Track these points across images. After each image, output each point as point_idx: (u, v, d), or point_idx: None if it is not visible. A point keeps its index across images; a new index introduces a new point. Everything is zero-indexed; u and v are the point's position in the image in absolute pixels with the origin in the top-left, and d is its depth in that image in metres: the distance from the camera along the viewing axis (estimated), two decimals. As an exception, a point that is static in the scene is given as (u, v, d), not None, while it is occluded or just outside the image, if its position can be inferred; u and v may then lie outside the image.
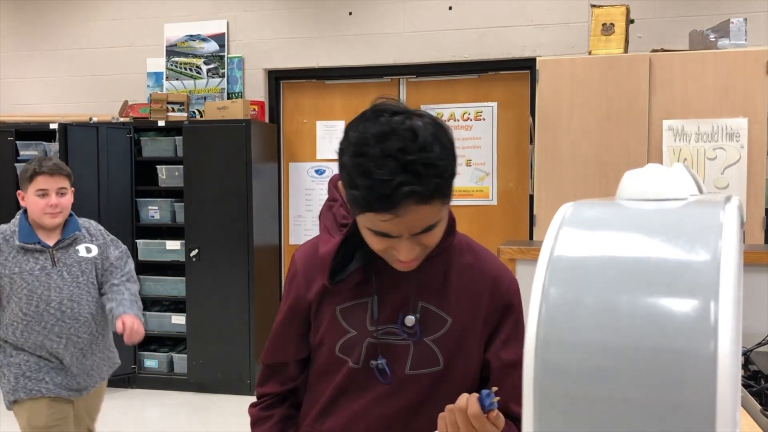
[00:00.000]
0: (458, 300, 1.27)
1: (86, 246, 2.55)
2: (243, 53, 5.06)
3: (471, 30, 4.70)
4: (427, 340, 1.25)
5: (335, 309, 1.28)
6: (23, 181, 2.44)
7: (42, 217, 2.43)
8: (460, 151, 4.86)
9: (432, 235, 1.15)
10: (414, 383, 1.24)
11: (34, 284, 2.41)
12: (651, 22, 4.38)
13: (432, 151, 1.07)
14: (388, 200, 1.05)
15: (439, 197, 1.10)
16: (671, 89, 3.78)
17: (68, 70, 5.38)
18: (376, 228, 1.12)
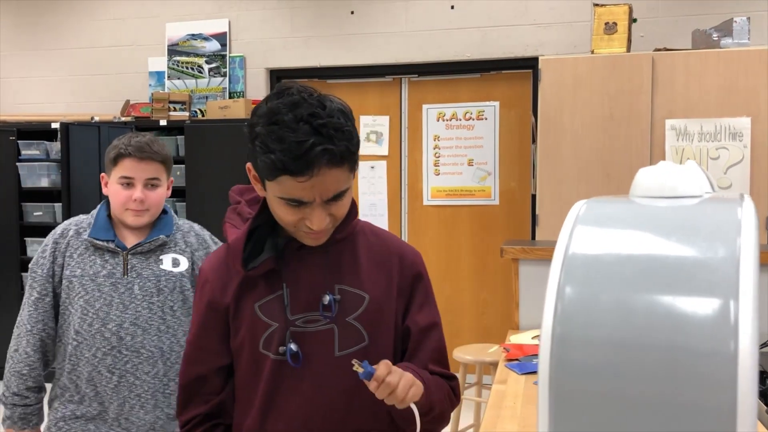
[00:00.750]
0: (371, 277, 1.31)
1: (174, 257, 1.91)
2: (245, 52, 5.06)
3: (473, 29, 4.69)
4: (350, 320, 1.28)
5: (253, 306, 1.29)
6: (107, 163, 1.91)
7: (123, 213, 1.87)
8: (462, 151, 4.86)
9: (341, 205, 1.22)
10: (346, 364, 1.21)
11: (94, 293, 1.85)
12: (653, 21, 4.37)
13: (339, 118, 1.17)
14: (302, 160, 1.12)
15: (348, 162, 1.18)
16: (674, 89, 3.77)
17: (70, 70, 5.37)
18: (289, 195, 1.17)
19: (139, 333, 1.85)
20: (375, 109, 5.00)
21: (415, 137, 4.94)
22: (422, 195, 4.94)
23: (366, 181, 5.02)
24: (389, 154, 4.98)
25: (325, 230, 1.24)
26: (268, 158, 1.14)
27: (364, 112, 5.01)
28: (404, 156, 4.96)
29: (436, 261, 4.90)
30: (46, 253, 1.90)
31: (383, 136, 4.99)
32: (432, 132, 4.90)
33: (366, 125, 5.01)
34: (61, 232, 1.91)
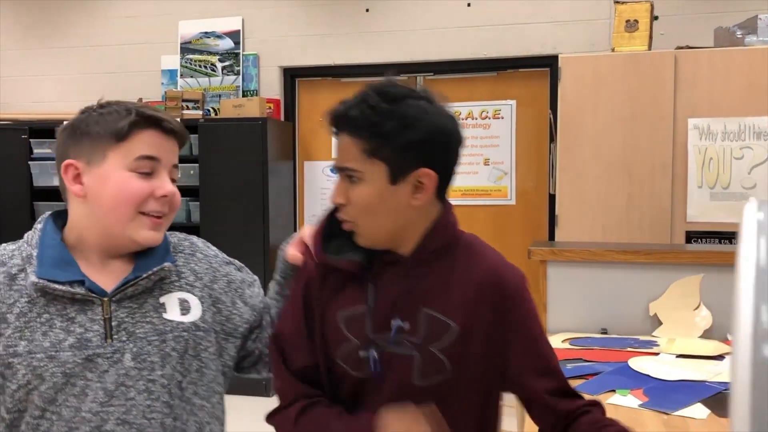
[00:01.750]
0: (463, 303, 1.21)
1: (181, 297, 1.23)
2: (258, 50, 5.01)
3: (490, 27, 4.64)
4: (433, 349, 1.19)
5: (336, 314, 1.24)
6: (96, 137, 1.18)
7: (130, 223, 1.18)
8: (478, 150, 4.80)
9: (355, 190, 1.18)
10: (424, 393, 1.17)
11: (55, 381, 1.12)
12: (674, 18, 4.31)
13: (387, 99, 1.17)
14: (335, 121, 1.23)
15: (360, 136, 1.16)
16: (697, 87, 3.71)
17: (82, 68, 5.33)
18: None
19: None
20: (390, 107, 4.94)
21: (430, 136, 4.88)
22: (437, 195, 4.88)
23: (380, 181, 4.96)
24: (404, 154, 4.92)
25: (346, 216, 1.21)
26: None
27: (378, 111, 4.96)
28: (419, 155, 4.91)
29: (451, 261, 4.85)
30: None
31: (398, 135, 4.93)
32: (447, 131, 4.84)
33: (380, 124, 4.96)
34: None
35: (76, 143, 1.19)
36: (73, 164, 1.18)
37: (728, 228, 3.68)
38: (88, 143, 1.18)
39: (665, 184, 3.72)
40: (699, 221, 3.73)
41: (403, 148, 1.15)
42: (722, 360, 2.05)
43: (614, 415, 1.65)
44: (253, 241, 4.55)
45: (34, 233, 1.20)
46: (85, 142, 1.18)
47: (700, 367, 1.97)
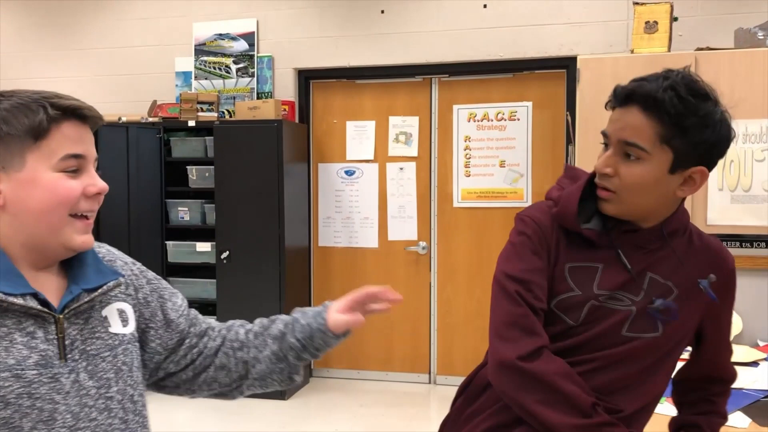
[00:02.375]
0: (686, 274, 1.32)
1: (119, 308, 1.18)
2: (273, 52, 5.00)
3: (506, 28, 4.61)
4: (650, 308, 1.29)
5: (564, 266, 1.32)
6: (9, 139, 1.06)
7: (66, 227, 1.09)
8: (494, 152, 4.78)
9: (630, 167, 1.24)
10: (628, 345, 1.29)
11: (21, 404, 1.02)
12: (693, 20, 4.28)
13: (693, 93, 1.22)
14: (624, 89, 1.27)
15: (660, 120, 1.21)
16: (718, 89, 3.65)
17: (96, 70, 5.33)
18: (606, 128, 1.30)
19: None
20: (404, 109, 4.93)
21: (445, 138, 4.87)
22: (452, 197, 4.86)
23: (395, 183, 4.95)
24: (419, 156, 4.91)
25: (610, 194, 1.27)
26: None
27: (393, 113, 4.94)
28: (434, 157, 4.89)
29: (467, 263, 4.83)
30: None
31: (413, 137, 4.91)
32: (463, 133, 4.83)
33: (395, 126, 4.94)
34: None
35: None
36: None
37: (749, 231, 3.65)
38: (1, 147, 1.04)
39: (685, 186, 3.69)
40: (719, 224, 3.69)
41: (695, 144, 1.22)
42: (757, 366, 2.03)
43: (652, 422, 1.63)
44: (269, 243, 4.54)
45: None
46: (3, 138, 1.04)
47: (734, 374, 1.94)
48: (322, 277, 5.08)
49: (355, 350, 5.04)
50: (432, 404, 4.66)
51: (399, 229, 4.94)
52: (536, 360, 1.25)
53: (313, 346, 1.31)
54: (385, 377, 5.00)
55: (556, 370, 1.24)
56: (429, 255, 4.91)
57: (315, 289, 5.08)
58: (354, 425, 4.19)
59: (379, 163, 4.96)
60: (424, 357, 4.96)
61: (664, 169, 1.23)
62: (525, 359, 1.25)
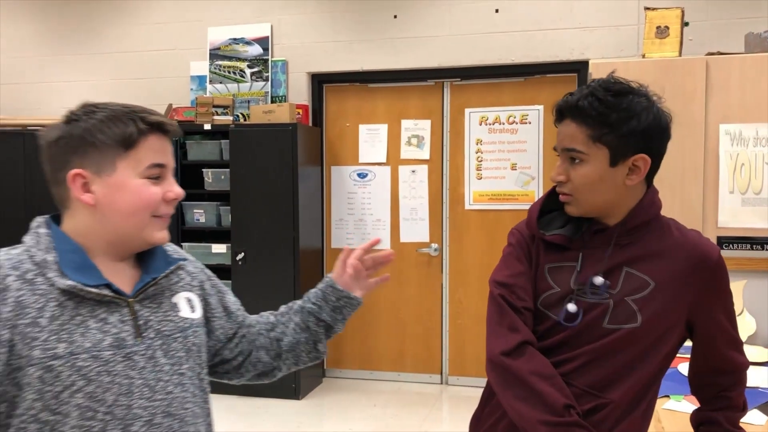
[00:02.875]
0: (664, 268, 1.39)
1: (187, 296, 1.32)
2: (287, 57, 5.06)
3: (518, 33, 4.67)
4: (628, 300, 1.38)
5: (544, 266, 1.44)
6: (103, 147, 1.19)
7: (145, 226, 1.23)
8: (505, 155, 4.83)
9: (578, 170, 1.38)
10: (610, 336, 1.38)
11: (101, 379, 1.15)
12: (703, 24, 4.32)
13: (612, 93, 1.35)
14: (555, 107, 1.44)
15: (586, 123, 1.35)
16: (728, 93, 3.73)
17: (112, 74, 5.41)
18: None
19: (176, 427, 1.22)
20: (417, 112, 4.99)
21: (456, 141, 4.92)
22: (464, 199, 4.91)
23: (407, 185, 5.01)
24: (431, 158, 4.96)
25: (568, 197, 1.41)
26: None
27: (405, 116, 5.00)
28: (446, 160, 4.95)
29: (478, 266, 4.88)
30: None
31: (425, 140, 4.97)
32: (474, 136, 4.88)
33: (407, 129, 5.00)
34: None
35: (80, 153, 1.19)
36: (80, 174, 1.19)
37: (760, 233, 3.70)
38: (95, 153, 1.18)
39: (696, 189, 3.74)
40: (730, 227, 3.74)
41: (625, 136, 1.34)
42: (771, 366, 2.08)
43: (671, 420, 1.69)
44: (284, 245, 4.60)
45: (39, 238, 1.20)
46: (91, 151, 1.19)
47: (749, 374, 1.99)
48: (335, 279, 5.13)
49: (368, 351, 5.09)
50: (444, 404, 4.71)
51: (411, 230, 5.00)
52: (518, 358, 1.37)
53: (329, 307, 1.47)
54: (398, 377, 5.06)
55: (534, 369, 1.36)
56: (441, 257, 4.97)
57: (328, 291, 5.13)
58: (368, 425, 4.25)
59: (391, 165, 5.02)
60: (436, 357, 5.01)
61: (605, 164, 1.36)
62: (508, 354, 1.38)
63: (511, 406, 1.36)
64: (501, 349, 1.38)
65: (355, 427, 4.20)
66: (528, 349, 1.38)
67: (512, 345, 1.38)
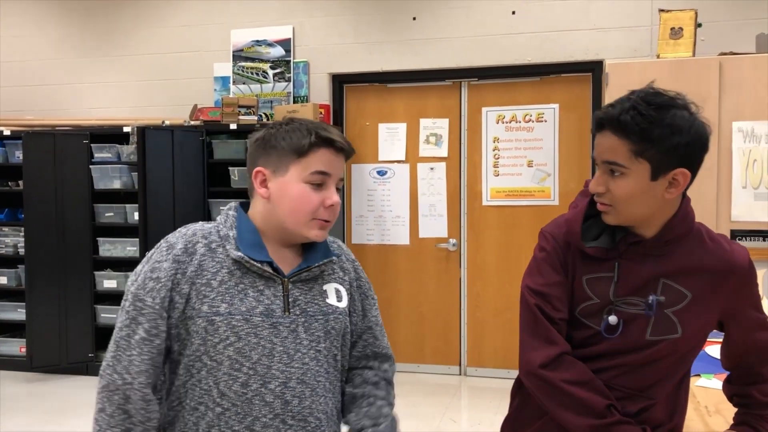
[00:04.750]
0: (698, 278, 1.43)
1: (336, 288, 1.49)
2: (308, 58, 5.21)
3: (533, 34, 4.81)
4: (668, 312, 1.43)
5: (582, 278, 1.46)
6: (281, 153, 1.40)
7: (305, 224, 1.41)
8: (522, 152, 4.97)
9: (618, 183, 1.38)
10: (653, 347, 1.43)
11: (249, 339, 1.35)
12: (715, 25, 4.46)
13: (654, 106, 1.34)
14: (595, 117, 1.41)
15: (630, 139, 1.34)
16: (741, 91, 3.87)
17: (139, 75, 5.55)
18: (593, 152, 1.44)
19: (307, 394, 1.39)
20: (435, 111, 5.13)
21: (474, 139, 5.07)
22: (481, 195, 5.06)
23: (425, 182, 5.15)
24: (449, 156, 5.11)
25: (607, 206, 1.41)
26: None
27: (424, 115, 5.15)
28: (463, 157, 5.09)
29: (495, 260, 5.03)
30: (160, 275, 1.35)
31: (443, 138, 5.12)
32: (491, 134, 5.03)
33: (426, 128, 5.14)
34: (184, 248, 1.38)
35: (266, 154, 1.43)
36: (262, 171, 1.43)
37: (772, 226, 3.85)
38: (275, 155, 1.41)
39: (710, 184, 3.89)
40: (743, 220, 3.89)
41: (667, 151, 1.34)
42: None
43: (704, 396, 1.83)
44: (308, 241, 4.74)
45: (227, 218, 1.44)
46: (273, 154, 1.42)
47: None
48: (356, 274, 5.28)
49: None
50: (463, 394, 4.86)
51: (430, 226, 5.14)
52: (556, 369, 1.42)
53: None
54: (417, 369, 5.20)
55: (571, 378, 1.41)
56: (459, 251, 5.11)
57: (349, 285, 5.29)
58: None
59: (410, 163, 5.17)
60: (454, 349, 5.16)
61: (646, 178, 1.36)
62: (546, 367, 1.42)
63: (557, 415, 1.43)
64: (540, 362, 1.43)
65: (380, 416, 4.34)
66: (565, 359, 1.43)
67: (550, 357, 1.42)
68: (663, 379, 1.47)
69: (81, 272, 5.08)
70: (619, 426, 1.38)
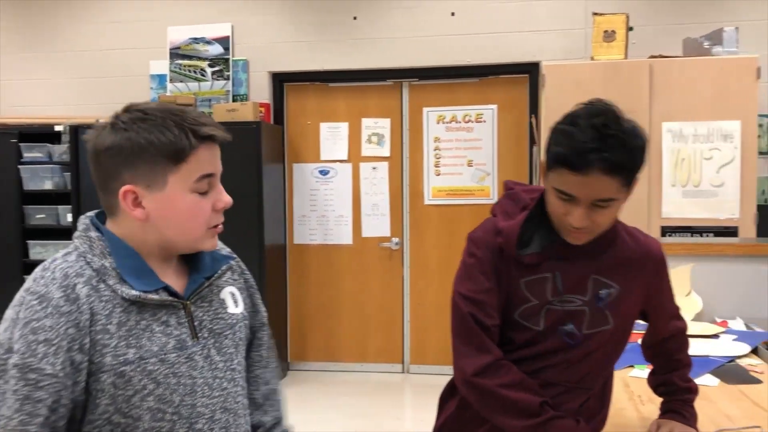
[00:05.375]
0: (622, 272, 1.51)
1: (231, 291, 1.36)
2: (248, 56, 5.15)
3: (473, 35, 4.88)
4: (600, 306, 1.50)
5: (520, 281, 1.49)
6: (152, 159, 1.16)
7: (202, 237, 1.24)
8: (462, 152, 5.04)
9: (604, 214, 1.38)
10: (590, 340, 1.51)
11: (168, 381, 1.19)
12: (645, 29, 4.63)
13: (628, 134, 1.33)
14: (581, 159, 1.31)
15: (621, 174, 1.33)
16: (670, 93, 4.02)
17: (71, 73, 5.38)
18: (562, 187, 1.36)
19: (231, 421, 1.28)
20: (377, 111, 5.15)
21: (415, 139, 5.11)
22: (423, 195, 5.11)
23: (368, 182, 5.17)
24: (391, 156, 5.13)
25: (586, 232, 1.41)
26: (555, 151, 1.35)
27: (365, 115, 5.16)
28: (405, 157, 5.13)
29: (437, 258, 5.08)
30: (49, 335, 1.10)
31: (384, 138, 5.14)
32: (432, 134, 5.08)
33: (367, 127, 5.16)
34: (64, 296, 1.12)
35: (129, 166, 1.16)
36: (132, 190, 1.17)
37: (699, 223, 4.02)
38: (145, 167, 1.16)
39: (642, 183, 4.00)
40: (673, 217, 4.05)
41: (639, 168, 1.38)
42: (718, 338, 2.33)
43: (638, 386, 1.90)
44: (249, 242, 4.69)
45: (92, 243, 1.18)
46: (141, 165, 1.16)
47: (700, 345, 2.23)
48: (298, 274, 5.26)
49: (331, 343, 5.23)
50: (406, 392, 4.90)
51: (373, 225, 5.16)
52: (488, 376, 1.44)
53: None
54: (360, 368, 5.21)
55: (504, 382, 1.44)
56: (401, 250, 5.15)
57: (291, 286, 5.26)
58: (336, 414, 4.39)
59: (352, 163, 5.17)
60: (397, 348, 5.19)
61: (626, 197, 1.40)
62: (479, 375, 1.45)
63: (495, 420, 1.47)
64: (473, 370, 1.45)
65: (324, 416, 4.34)
66: (496, 365, 1.46)
67: (483, 365, 1.45)
68: (598, 371, 1.55)
69: (10, 276, 4.89)
70: (554, 421, 1.43)
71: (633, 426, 1.68)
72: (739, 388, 1.91)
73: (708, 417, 1.70)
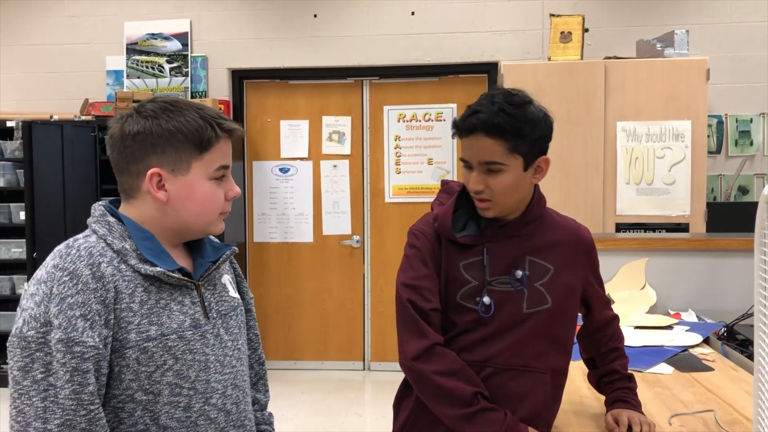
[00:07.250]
0: (556, 252, 1.59)
1: (228, 278, 1.44)
2: (207, 52, 5.10)
3: (432, 35, 4.93)
4: (537, 285, 1.56)
5: (459, 264, 1.55)
6: (179, 146, 1.26)
7: (212, 222, 1.32)
8: (422, 150, 5.09)
9: (497, 179, 1.48)
10: (531, 318, 1.54)
11: (185, 358, 1.25)
12: (600, 30, 4.74)
13: (516, 106, 1.45)
14: (464, 123, 1.48)
15: (502, 137, 1.45)
16: (624, 93, 4.14)
17: (23, 67, 5.24)
18: (462, 155, 1.52)
19: (241, 398, 1.36)
20: (337, 109, 5.16)
21: (376, 137, 5.14)
22: (384, 192, 5.14)
23: (329, 180, 5.17)
24: (351, 154, 5.15)
25: (487, 200, 1.50)
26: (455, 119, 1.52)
27: (326, 113, 5.16)
28: (366, 155, 5.15)
29: (398, 256, 5.09)
30: (84, 311, 1.15)
31: (345, 136, 5.15)
32: (393, 132, 5.11)
33: (328, 125, 5.16)
34: (91, 273, 1.18)
35: (157, 150, 1.25)
36: (158, 172, 1.25)
37: (652, 220, 4.14)
38: (172, 152, 1.25)
39: (597, 181, 4.14)
40: (627, 214, 4.17)
41: (533, 143, 1.48)
42: (672, 329, 2.41)
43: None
44: (209, 240, 4.65)
45: (111, 227, 1.25)
46: (169, 150, 1.25)
47: (655, 336, 2.31)
48: (259, 272, 5.23)
49: (292, 341, 5.22)
50: (367, 389, 4.92)
51: (333, 223, 5.17)
52: (427, 361, 1.48)
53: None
54: (322, 366, 5.21)
55: (440, 369, 1.47)
56: (362, 248, 5.17)
57: (251, 284, 5.22)
58: (297, 411, 4.39)
59: (313, 160, 5.17)
60: (358, 345, 5.21)
61: (520, 170, 1.49)
62: (418, 359, 1.48)
63: (431, 406, 1.50)
64: (412, 354, 1.48)
65: (286, 414, 4.33)
66: (435, 351, 1.48)
67: (422, 349, 1.47)
68: (548, 350, 1.56)
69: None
70: (484, 413, 1.45)
71: (594, 409, 1.73)
72: (693, 375, 1.99)
73: (664, 403, 1.76)
